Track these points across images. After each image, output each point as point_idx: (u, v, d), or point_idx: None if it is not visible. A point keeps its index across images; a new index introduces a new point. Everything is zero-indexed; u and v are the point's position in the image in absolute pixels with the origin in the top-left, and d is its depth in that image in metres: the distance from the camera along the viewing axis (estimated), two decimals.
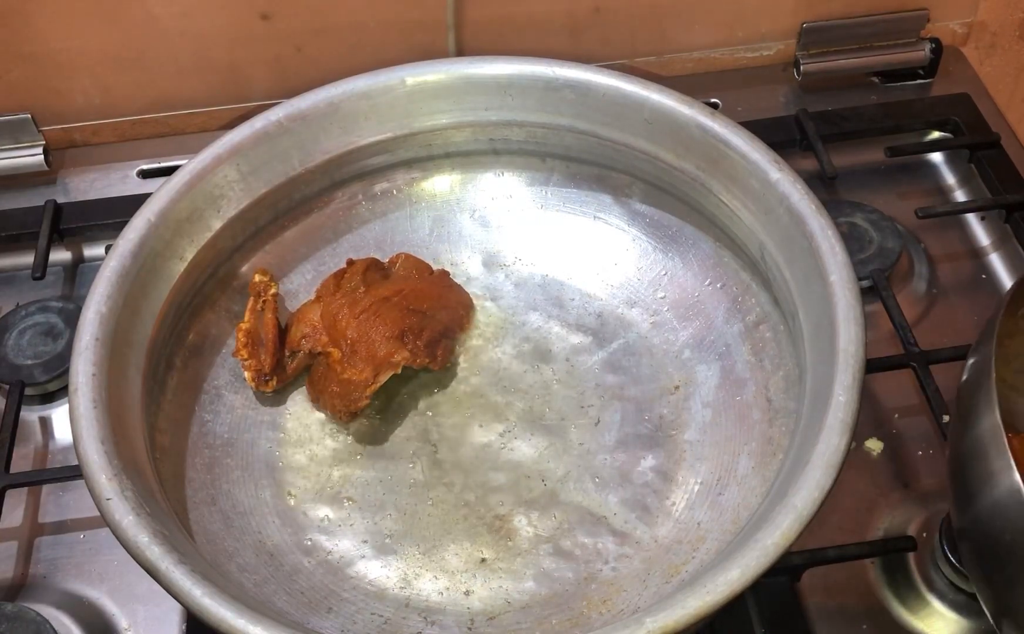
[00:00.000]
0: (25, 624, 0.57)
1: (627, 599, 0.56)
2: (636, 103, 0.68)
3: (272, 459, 0.64)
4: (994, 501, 0.46)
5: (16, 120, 0.79)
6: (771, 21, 0.86)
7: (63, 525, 0.64)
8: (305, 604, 0.57)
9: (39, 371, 0.69)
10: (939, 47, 0.86)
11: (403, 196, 0.74)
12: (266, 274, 0.68)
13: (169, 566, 0.48)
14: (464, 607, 0.57)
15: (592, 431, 0.64)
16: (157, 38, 0.78)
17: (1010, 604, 0.48)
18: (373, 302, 0.64)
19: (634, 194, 0.72)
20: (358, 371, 0.63)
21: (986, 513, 0.48)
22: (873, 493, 0.64)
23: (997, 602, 0.50)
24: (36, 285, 0.74)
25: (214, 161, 0.66)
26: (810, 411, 0.55)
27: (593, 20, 0.82)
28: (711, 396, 0.65)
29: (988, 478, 0.47)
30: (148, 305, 0.61)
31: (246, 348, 0.64)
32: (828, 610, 0.59)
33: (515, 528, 0.60)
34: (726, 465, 0.61)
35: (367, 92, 0.69)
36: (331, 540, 0.60)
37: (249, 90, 0.82)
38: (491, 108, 0.71)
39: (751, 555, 0.48)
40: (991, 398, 0.46)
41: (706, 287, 0.69)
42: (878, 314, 0.70)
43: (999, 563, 0.48)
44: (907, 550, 0.60)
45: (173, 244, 0.63)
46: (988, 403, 0.47)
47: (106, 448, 0.53)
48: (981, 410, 0.47)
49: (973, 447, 0.49)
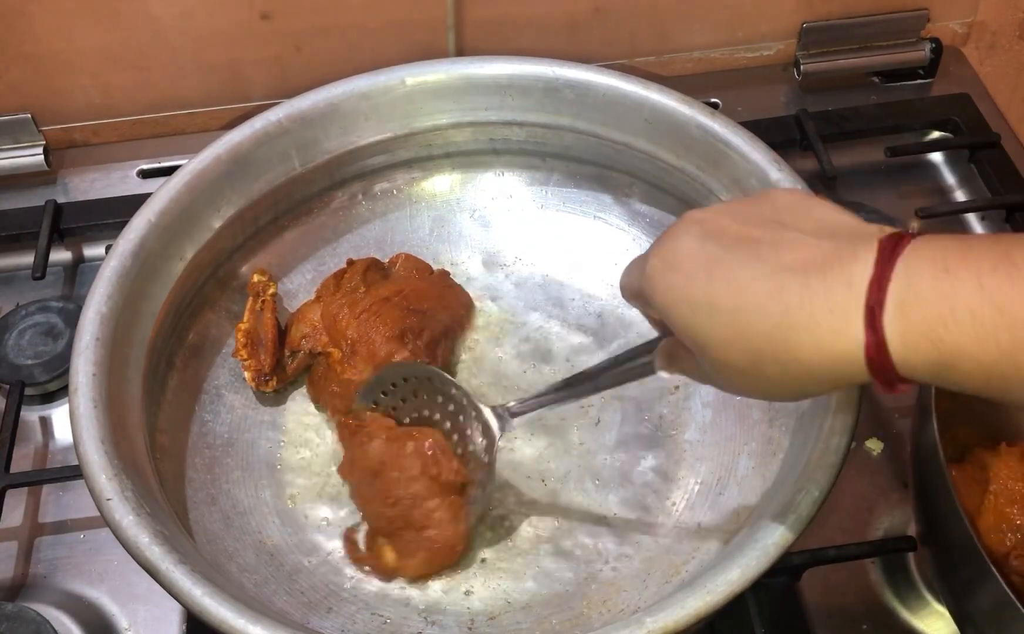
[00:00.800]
0: (25, 624, 0.57)
1: (627, 599, 0.56)
2: (636, 103, 0.68)
3: (272, 459, 0.64)
4: (945, 527, 0.49)
5: (16, 120, 0.79)
6: (771, 21, 0.86)
7: (63, 525, 0.64)
8: (305, 604, 0.57)
9: (39, 371, 0.69)
10: (939, 47, 0.86)
11: (403, 196, 0.74)
12: (264, 274, 0.68)
13: (169, 566, 0.48)
14: (464, 607, 0.57)
15: (592, 431, 0.64)
16: (157, 38, 0.78)
17: (971, 613, 0.50)
18: (373, 302, 0.64)
19: (634, 194, 0.72)
20: (358, 371, 0.63)
21: (940, 537, 0.51)
22: (873, 493, 0.64)
23: (959, 611, 0.52)
24: (36, 285, 0.74)
25: (214, 161, 0.65)
26: (810, 411, 0.55)
27: (593, 20, 0.82)
28: (711, 396, 0.65)
29: (938, 513, 0.50)
30: (148, 305, 0.61)
31: (245, 348, 0.64)
32: (828, 610, 0.59)
33: (515, 528, 0.60)
34: (726, 465, 0.61)
35: (367, 92, 0.69)
36: (331, 540, 0.60)
37: (249, 90, 0.82)
38: (491, 108, 0.71)
39: (751, 555, 0.48)
40: (933, 439, 0.49)
41: None
42: None
43: (955, 575, 0.50)
44: (907, 550, 0.60)
45: (173, 244, 0.63)
46: (933, 454, 0.49)
47: (106, 448, 0.53)
48: (926, 449, 0.50)
49: (923, 480, 0.51)
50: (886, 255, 0.37)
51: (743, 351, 0.40)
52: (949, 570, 0.51)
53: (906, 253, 0.37)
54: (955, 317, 0.35)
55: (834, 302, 0.37)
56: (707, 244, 0.42)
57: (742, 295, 0.40)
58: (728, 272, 0.40)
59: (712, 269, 0.41)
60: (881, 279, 0.36)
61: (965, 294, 0.35)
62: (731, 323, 0.40)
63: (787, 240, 0.40)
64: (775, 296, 0.39)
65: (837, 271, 0.38)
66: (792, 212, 0.42)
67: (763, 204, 0.43)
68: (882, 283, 0.36)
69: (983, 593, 0.48)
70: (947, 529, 0.49)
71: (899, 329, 0.36)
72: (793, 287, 0.38)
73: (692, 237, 0.42)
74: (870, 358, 0.37)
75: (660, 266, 0.43)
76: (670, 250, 0.43)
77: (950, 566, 0.51)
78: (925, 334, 0.36)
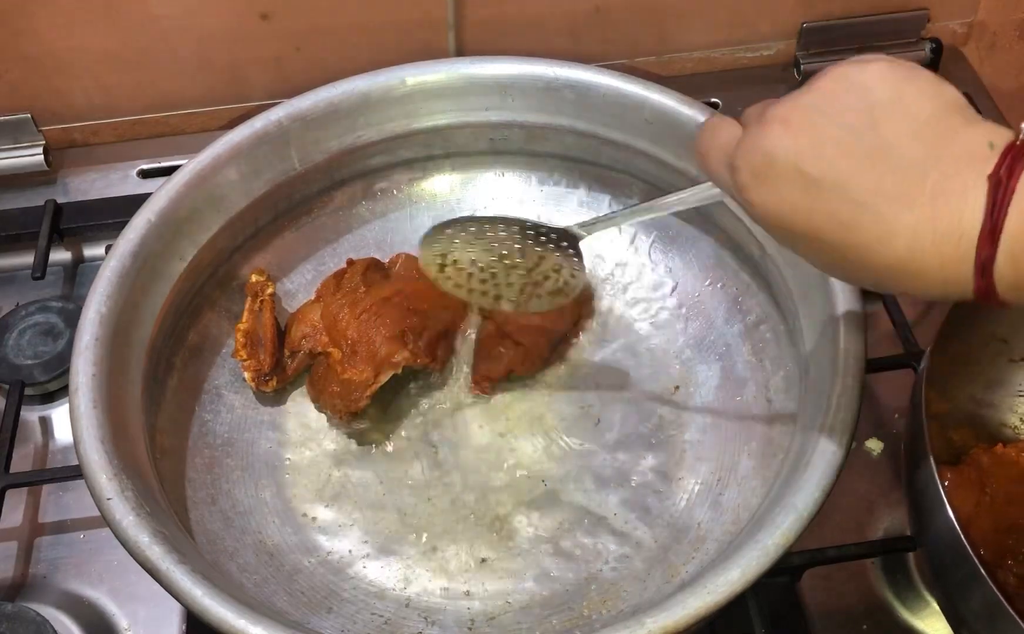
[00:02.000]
0: (25, 624, 0.57)
1: (627, 599, 0.57)
2: (636, 103, 0.68)
3: (272, 459, 0.64)
4: (936, 530, 0.49)
5: (16, 120, 0.79)
6: (771, 21, 0.86)
7: (63, 525, 0.64)
8: (305, 604, 0.57)
9: (39, 371, 0.69)
10: (939, 47, 0.86)
11: (403, 196, 0.74)
12: (263, 274, 0.68)
13: (169, 566, 0.48)
14: (464, 607, 0.57)
15: (592, 431, 0.64)
16: (157, 38, 0.78)
17: (964, 615, 0.51)
18: (373, 302, 0.64)
19: (634, 194, 0.72)
20: (358, 371, 0.63)
21: (932, 539, 0.51)
22: (873, 493, 0.64)
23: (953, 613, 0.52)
24: (36, 285, 0.74)
25: (214, 161, 0.66)
26: (810, 411, 0.55)
27: (593, 20, 0.82)
28: (711, 396, 0.65)
29: (930, 516, 0.50)
30: (148, 305, 0.61)
31: (245, 348, 0.64)
32: (828, 610, 0.59)
33: (515, 528, 0.60)
34: (726, 465, 0.61)
35: (367, 92, 0.69)
36: (331, 540, 0.60)
37: (249, 90, 0.82)
38: (491, 108, 0.71)
39: (751, 555, 0.48)
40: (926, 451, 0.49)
41: (706, 287, 0.69)
42: (878, 314, 0.69)
43: (947, 577, 0.51)
44: (907, 550, 0.60)
45: (173, 244, 0.63)
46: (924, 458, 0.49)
47: (106, 448, 0.53)
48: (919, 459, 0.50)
49: (914, 481, 0.52)
50: (999, 192, 0.35)
51: (844, 272, 0.41)
52: (941, 572, 0.51)
53: (1019, 187, 0.35)
54: None
55: (944, 256, 0.37)
56: (805, 166, 0.39)
57: (846, 233, 0.39)
58: (828, 205, 0.39)
59: (813, 200, 0.39)
60: (994, 231, 0.35)
61: None
62: (835, 257, 0.40)
63: (889, 165, 0.38)
64: (883, 242, 0.38)
65: (945, 215, 0.36)
66: (887, 111, 0.39)
67: (853, 96, 0.39)
68: (995, 236, 0.35)
69: (974, 595, 0.48)
70: (938, 531, 0.49)
71: (1010, 278, 0.36)
72: (902, 234, 0.37)
73: (787, 151, 0.40)
74: (978, 296, 0.37)
75: (753, 178, 0.41)
76: (763, 162, 0.41)
77: (942, 568, 0.51)
78: None
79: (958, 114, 0.39)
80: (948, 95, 0.39)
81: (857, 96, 0.39)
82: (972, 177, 0.36)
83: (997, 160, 0.36)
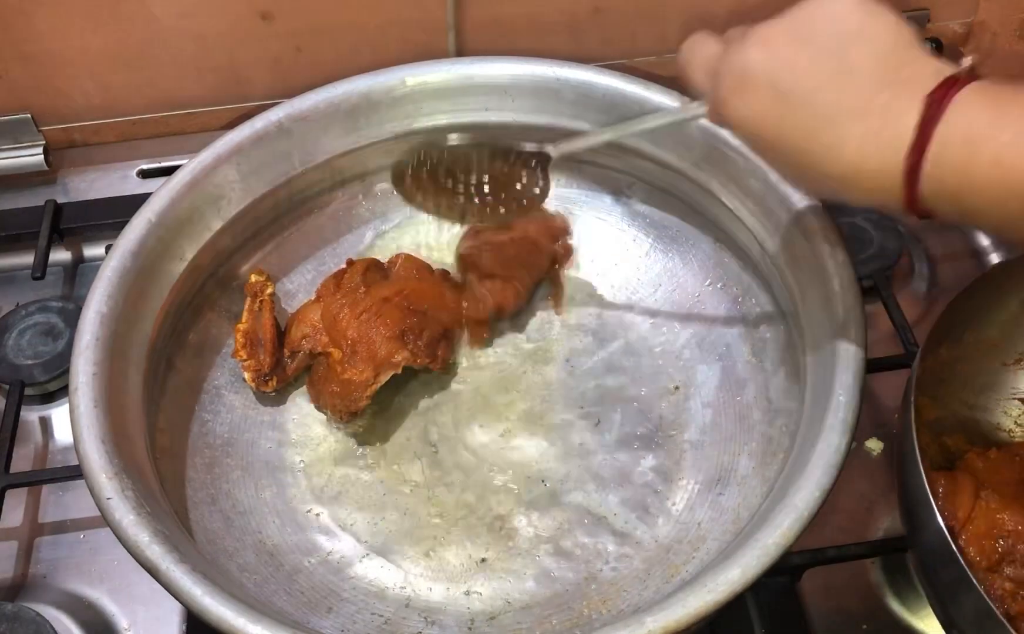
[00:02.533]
0: (25, 624, 0.57)
1: (627, 599, 0.57)
2: (636, 103, 0.68)
3: (272, 459, 0.64)
4: (927, 536, 0.50)
5: (16, 120, 0.79)
6: None
7: (63, 525, 0.64)
8: (305, 604, 0.57)
9: (39, 371, 0.69)
10: (939, 47, 0.86)
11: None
12: (262, 274, 0.68)
13: (169, 566, 0.48)
14: (464, 607, 0.57)
15: (592, 431, 0.64)
16: (157, 38, 0.78)
17: (954, 618, 0.51)
18: (373, 302, 0.64)
19: (634, 194, 0.72)
20: (358, 371, 0.63)
21: (923, 545, 0.51)
22: (873, 493, 0.64)
23: (944, 615, 0.52)
24: (36, 285, 0.74)
25: (214, 161, 0.66)
26: (810, 411, 0.55)
27: (593, 20, 0.82)
28: (711, 396, 0.65)
29: (921, 522, 0.50)
30: (148, 305, 0.61)
31: (245, 349, 0.64)
32: (828, 610, 0.59)
33: (515, 528, 0.60)
34: (726, 465, 0.61)
35: (367, 92, 0.69)
36: (331, 540, 0.60)
37: (249, 90, 0.82)
38: (491, 108, 0.71)
39: (751, 555, 0.48)
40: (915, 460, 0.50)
41: (706, 287, 0.69)
42: (878, 314, 0.69)
43: (938, 580, 0.51)
44: (906, 550, 0.59)
45: (173, 244, 0.63)
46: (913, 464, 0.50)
47: (106, 448, 0.53)
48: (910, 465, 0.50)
49: (905, 484, 0.52)
50: (932, 109, 0.41)
51: (801, 177, 0.48)
52: (932, 575, 0.51)
53: (945, 117, 0.41)
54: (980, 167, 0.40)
55: (883, 162, 0.43)
56: (778, 81, 0.45)
57: (808, 142, 0.45)
58: (795, 117, 0.45)
59: (783, 111, 0.45)
60: (922, 143, 0.41)
61: (990, 152, 0.40)
62: (795, 163, 0.46)
63: (850, 84, 0.44)
64: (837, 149, 0.44)
65: (890, 130, 0.42)
66: (854, 39, 0.44)
67: (825, 24, 0.45)
68: (921, 147, 0.41)
69: (965, 601, 0.48)
70: (929, 538, 0.49)
71: (932, 186, 0.42)
72: (851, 143, 0.43)
73: (764, 67, 0.46)
74: (907, 205, 0.43)
75: (732, 88, 0.47)
76: (742, 74, 0.47)
77: (933, 571, 0.51)
78: (953, 191, 0.41)
79: (916, 48, 0.44)
80: (907, 32, 0.45)
81: (829, 24, 0.45)
82: (916, 98, 0.42)
83: (937, 84, 0.42)
